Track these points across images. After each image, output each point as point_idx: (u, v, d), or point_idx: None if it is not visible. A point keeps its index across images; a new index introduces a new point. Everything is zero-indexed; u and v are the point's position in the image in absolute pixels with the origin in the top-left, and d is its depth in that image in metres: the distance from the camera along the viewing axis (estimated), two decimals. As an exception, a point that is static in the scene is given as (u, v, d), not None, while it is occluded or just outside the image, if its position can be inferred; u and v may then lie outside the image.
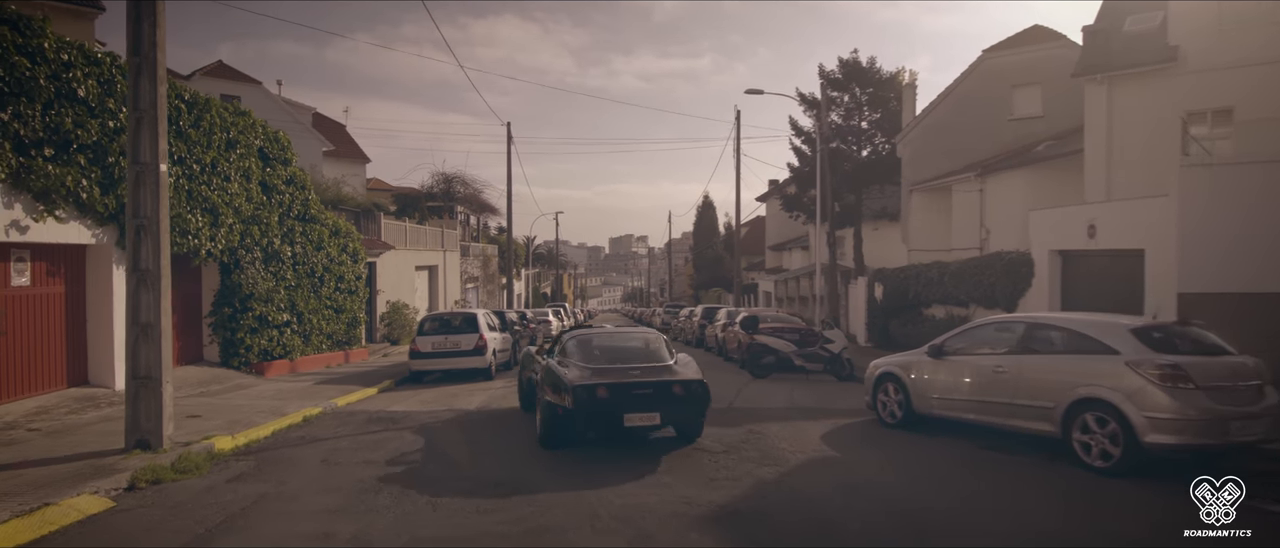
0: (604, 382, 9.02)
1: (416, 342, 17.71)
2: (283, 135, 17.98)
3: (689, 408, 9.26)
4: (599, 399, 8.86)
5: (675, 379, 9.22)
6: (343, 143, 50.43)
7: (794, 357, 17.96)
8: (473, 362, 17.66)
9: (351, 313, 21.95)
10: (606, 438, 9.65)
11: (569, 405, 8.88)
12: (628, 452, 9.29)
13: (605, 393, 8.90)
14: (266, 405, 12.69)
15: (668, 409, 9.10)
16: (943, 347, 10.34)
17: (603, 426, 9.19)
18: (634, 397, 8.96)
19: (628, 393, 8.96)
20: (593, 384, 8.95)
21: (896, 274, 24.83)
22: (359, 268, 22.62)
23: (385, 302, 28.04)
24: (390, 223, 29.88)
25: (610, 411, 8.89)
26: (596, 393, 8.88)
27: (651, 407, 8.97)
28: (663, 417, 9.10)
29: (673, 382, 9.18)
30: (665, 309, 54.31)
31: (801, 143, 38.01)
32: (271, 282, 17.36)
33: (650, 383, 9.11)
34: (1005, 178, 23.69)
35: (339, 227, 21.04)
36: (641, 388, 9.04)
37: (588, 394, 8.86)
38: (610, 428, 9.13)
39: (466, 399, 14.31)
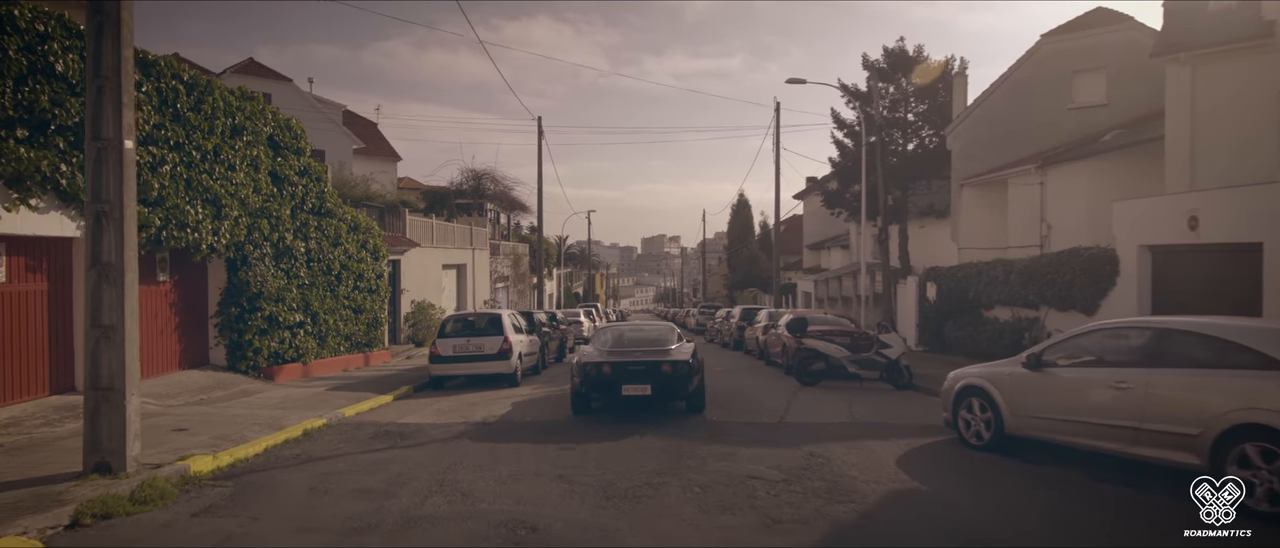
0: (609, 361, 11.77)
1: (437, 345, 16.42)
2: (295, 123, 16.78)
3: (675, 382, 11.61)
4: (603, 374, 11.62)
5: (664, 360, 11.72)
6: (373, 141, 49.74)
7: (846, 363, 16.37)
8: (497, 366, 16.32)
9: (372, 313, 20.77)
10: (608, 405, 12.28)
11: (581, 379, 11.77)
12: (669, 488, 7.83)
13: (609, 370, 11.64)
14: (266, 416, 11.43)
15: (657, 383, 11.54)
16: (1042, 357, 8.72)
17: (605, 395, 11.82)
18: (629, 373, 11.58)
19: (624, 370, 11.61)
20: (599, 363, 11.73)
21: (952, 273, 23.08)
22: (380, 266, 21.43)
23: (410, 301, 26.88)
24: (415, 219, 28.73)
25: (611, 383, 11.59)
26: (602, 369, 11.65)
27: (644, 380, 11.53)
28: (653, 388, 11.52)
29: (662, 362, 11.69)
30: (700, 310, 52.69)
31: (844, 136, 36.38)
32: (283, 280, 16.17)
33: (644, 363, 11.70)
34: (1069, 170, 21.87)
35: (358, 221, 19.84)
36: (636, 366, 11.65)
37: (596, 370, 11.67)
38: (610, 397, 11.78)
39: (487, 409, 12.94)
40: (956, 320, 21.70)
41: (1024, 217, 24.00)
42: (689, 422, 11.44)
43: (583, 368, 11.80)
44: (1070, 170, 21.87)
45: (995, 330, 19.34)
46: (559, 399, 14.16)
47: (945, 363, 19.91)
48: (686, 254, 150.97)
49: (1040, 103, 26.01)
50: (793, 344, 18.65)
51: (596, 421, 11.67)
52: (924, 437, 10.26)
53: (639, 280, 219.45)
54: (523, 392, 15.54)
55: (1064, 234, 21.30)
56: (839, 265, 49.59)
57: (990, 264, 20.77)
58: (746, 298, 58.83)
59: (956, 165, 28.87)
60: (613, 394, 11.64)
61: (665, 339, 12.94)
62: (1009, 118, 26.65)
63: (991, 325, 19.90)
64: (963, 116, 28.78)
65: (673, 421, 11.55)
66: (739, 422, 11.51)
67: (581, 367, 11.85)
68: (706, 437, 10.15)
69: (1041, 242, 22.97)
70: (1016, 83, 26.95)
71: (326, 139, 40.63)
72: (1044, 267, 17.53)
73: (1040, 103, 26.01)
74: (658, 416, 11.98)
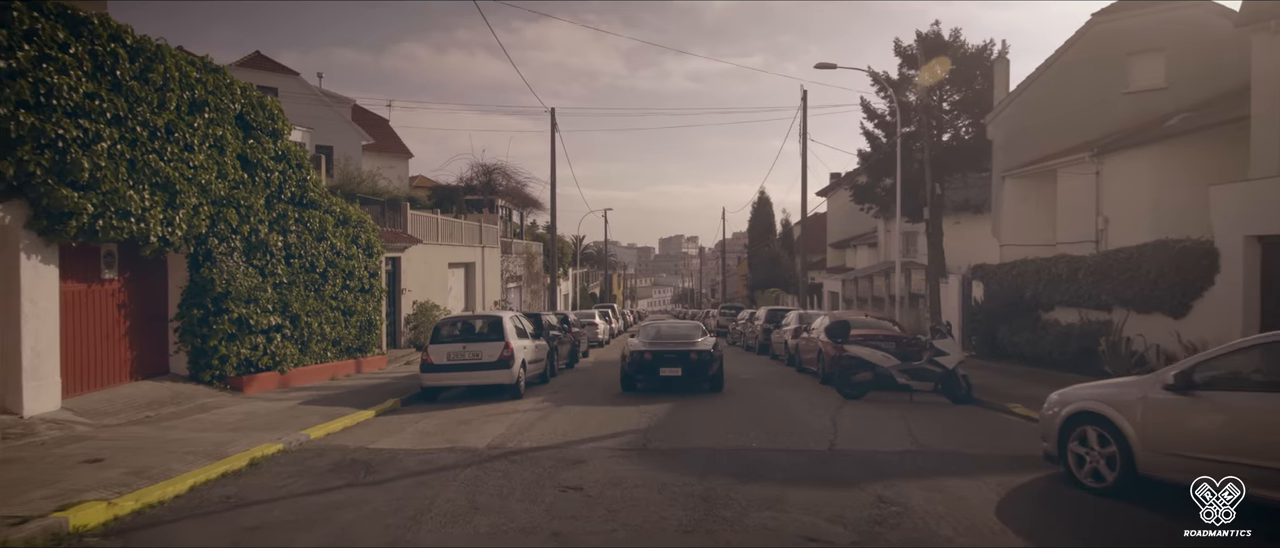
0: (650, 349, 15.10)
1: (428, 351, 14.48)
2: (271, 101, 14.90)
3: (699, 367, 14.79)
4: (645, 359, 14.91)
5: (691, 350, 14.94)
6: (385, 137, 48.29)
7: (896, 373, 14.27)
8: (496, 376, 14.36)
9: (365, 315, 18.89)
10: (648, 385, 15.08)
11: (628, 361, 15.15)
12: (702, 545, 5.81)
13: (650, 356, 14.91)
14: (211, 441, 9.52)
15: (686, 367, 14.74)
16: (1193, 376, 6.60)
17: (647, 375, 14.93)
18: (665, 359, 14.80)
19: (662, 357, 14.84)
20: (642, 351, 15.07)
21: (1005, 271, 20.88)
22: (375, 263, 19.55)
23: (412, 302, 25.02)
24: (418, 215, 26.88)
25: (652, 366, 14.82)
26: (644, 356, 14.95)
27: (676, 365, 14.75)
28: (683, 371, 14.72)
29: (689, 351, 14.89)
30: (720, 311, 50.53)
31: (875, 127, 34.30)
32: (255, 277, 14.30)
33: (676, 352, 14.92)
34: (1130, 157, 19.71)
35: (348, 214, 17.96)
36: (670, 354, 14.87)
37: (639, 357, 14.99)
38: (651, 377, 14.89)
39: (479, 431, 10.97)
40: (1012, 323, 19.50)
41: (1076, 210, 21.84)
42: (722, 448, 9.44)
43: (631, 354, 15.27)
44: (1132, 158, 19.70)
45: (1058, 335, 17.16)
46: (566, 415, 12.19)
47: (1000, 372, 17.78)
48: (705, 254, 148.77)
49: (1091, 87, 23.85)
50: (831, 351, 16.57)
51: (614, 448, 9.69)
52: (1017, 472, 8.16)
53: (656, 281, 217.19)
54: (525, 405, 13.57)
55: (1123, 228, 19.17)
56: (866, 264, 47.40)
57: (1052, 261, 18.58)
58: (768, 298, 56.64)
59: (998, 156, 26.71)
60: (653, 375, 14.98)
61: (692, 335, 16.35)
62: (1056, 104, 24.53)
63: (1052, 329, 17.71)
64: (1004, 104, 26.61)
65: (702, 448, 9.55)
66: (779, 449, 9.47)
67: (630, 354, 15.32)
68: (742, 473, 8.12)
69: (1097, 236, 20.79)
70: (1064, 67, 24.76)
71: (335, 134, 39.05)
72: (1122, 263, 15.34)
73: (1091, 87, 23.85)
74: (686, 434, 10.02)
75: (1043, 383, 15.72)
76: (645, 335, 16.40)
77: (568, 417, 12.14)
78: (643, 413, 12.30)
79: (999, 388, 15.27)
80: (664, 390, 14.83)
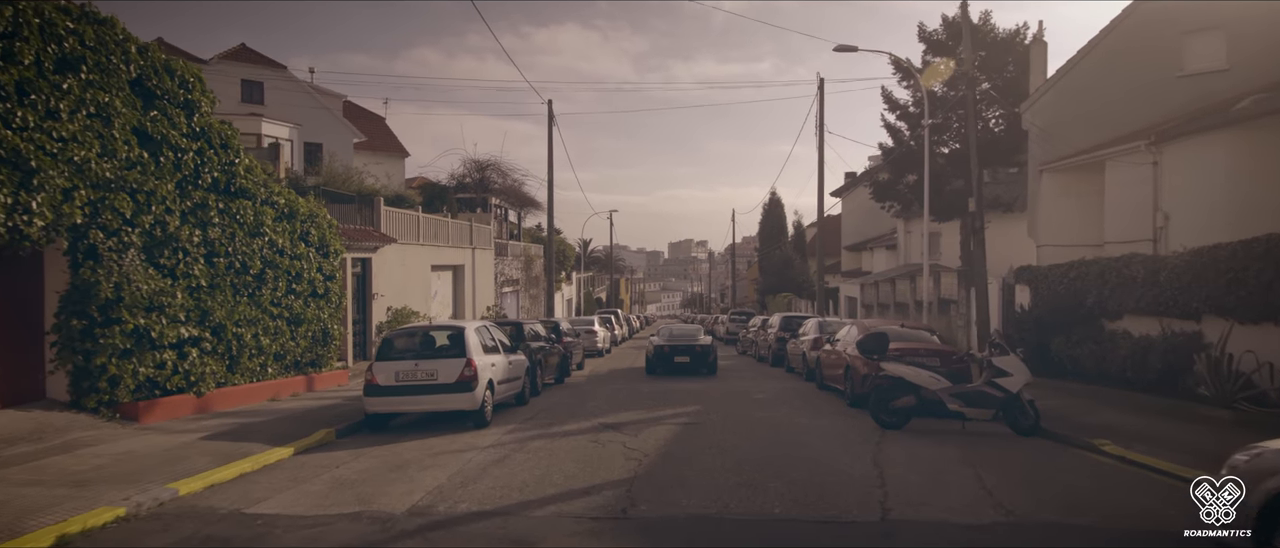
0: (667, 344, 21.75)
1: (373, 370, 11.83)
2: (184, 66, 12.26)
3: (700, 356, 21.26)
4: (665, 351, 21.45)
5: (695, 345, 21.56)
6: (380, 136, 46.19)
7: (946, 397, 11.56)
8: (455, 401, 11.69)
9: (320, 324, 16.29)
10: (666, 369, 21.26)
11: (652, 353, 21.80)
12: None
13: (667, 349, 21.52)
14: (28, 502, 6.89)
15: (692, 356, 21.22)
16: None
17: (665, 361, 21.31)
18: (678, 351, 21.37)
19: (676, 349, 21.46)
20: (662, 345, 21.76)
21: (1059, 273, 18.11)
22: (333, 264, 16.96)
23: (386, 308, 22.43)
24: (394, 212, 24.28)
25: (669, 355, 21.30)
26: (664, 349, 21.55)
27: (685, 355, 21.25)
28: (690, 359, 21.19)
29: (694, 346, 21.50)
30: (730, 317, 47.76)
31: (897, 119, 31.72)
32: (161, 280, 11.70)
33: (685, 346, 21.52)
34: (1195, 145, 17.04)
35: (294, 207, 15.36)
36: (681, 347, 21.50)
37: (660, 349, 21.61)
38: (668, 362, 21.26)
39: (411, 483, 8.28)
40: (1069, 334, 16.69)
41: (1129, 205, 19.13)
42: (732, 515, 6.75)
43: (655, 348, 21.73)
44: (1198, 145, 17.01)
45: (1133, 349, 14.38)
46: (532, 455, 9.53)
47: (1058, 391, 14.97)
48: (714, 259, 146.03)
49: (1141, 71, 21.18)
50: (864, 369, 13.85)
51: (582, 514, 7.00)
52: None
53: (665, 286, 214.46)
54: (488, 438, 10.91)
55: (1188, 224, 16.51)
56: (884, 268, 44.61)
57: (1122, 261, 15.79)
58: (779, 303, 53.82)
59: (1035, 148, 23.97)
60: (670, 361, 21.14)
61: (696, 335, 23.06)
62: (1101, 90, 21.86)
63: (1124, 342, 14.93)
64: (1042, 91, 23.87)
65: (705, 515, 6.87)
66: (813, 520, 6.75)
67: (654, 347, 21.79)
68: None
69: (1154, 235, 18.05)
70: (1109, 50, 22.04)
71: (325, 131, 36.73)
72: (1222, 262, 12.54)
73: (1141, 71, 21.18)
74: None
75: (1121, 408, 12.98)
76: (663, 335, 23.33)
77: (534, 458, 9.47)
78: (629, 454, 9.62)
79: (1068, 414, 12.56)
80: (678, 373, 21.01)
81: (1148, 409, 12.77)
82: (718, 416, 13.02)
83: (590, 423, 12.31)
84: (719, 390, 17.23)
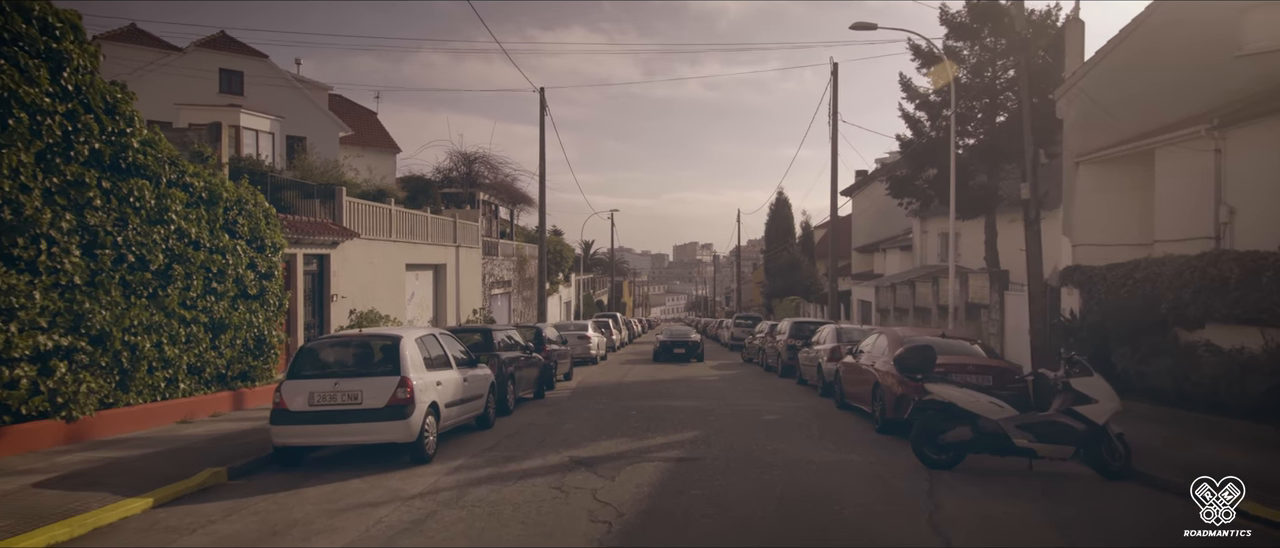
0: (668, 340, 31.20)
1: (282, 392, 9.31)
2: (46, 6, 9.77)
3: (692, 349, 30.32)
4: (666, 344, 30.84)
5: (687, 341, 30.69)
6: (371, 131, 43.98)
7: (1011, 429, 9.03)
8: (384, 431, 9.17)
9: (252, 330, 13.83)
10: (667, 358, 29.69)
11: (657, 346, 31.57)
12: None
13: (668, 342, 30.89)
14: None
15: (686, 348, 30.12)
16: None
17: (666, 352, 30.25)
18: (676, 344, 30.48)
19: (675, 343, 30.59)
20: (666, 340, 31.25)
21: (1119, 275, 15.56)
22: (271, 259, 14.50)
23: (349, 312, 19.96)
24: (361, 204, 21.79)
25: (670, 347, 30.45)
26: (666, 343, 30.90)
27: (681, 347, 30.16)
28: (685, 351, 29.98)
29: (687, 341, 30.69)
30: (735, 321, 45.08)
31: (916, 109, 29.08)
32: (15, 276, 9.22)
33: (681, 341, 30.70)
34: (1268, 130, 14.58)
35: (216, 191, 12.88)
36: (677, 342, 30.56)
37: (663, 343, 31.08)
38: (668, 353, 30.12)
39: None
40: (1135, 346, 14.08)
41: (1184, 198, 16.60)
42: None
43: (659, 343, 31.26)
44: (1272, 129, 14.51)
45: (1227, 366, 11.76)
46: (471, 512, 7.00)
47: (1130, 416, 12.21)
48: (719, 262, 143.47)
49: (1192, 52, 18.63)
50: (899, 387, 11.32)
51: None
52: None
53: (670, 289, 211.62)
54: (422, 483, 8.39)
55: (1259, 220, 14.06)
56: (898, 270, 41.99)
57: (1208, 258, 13.20)
58: (787, 306, 51.22)
59: (1071, 137, 21.37)
60: (670, 352, 29.97)
61: (689, 333, 32.63)
62: (1146, 74, 19.28)
63: (1209, 357, 12.34)
64: (1079, 75, 21.25)
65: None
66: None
67: (659, 342, 31.27)
68: None
69: (1217, 231, 15.50)
70: (1154, 30, 19.48)
71: (309, 124, 34.29)
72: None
73: (1192, 52, 18.63)
74: None
75: (1223, 441, 10.35)
76: (665, 334, 32.72)
77: (467, 518, 6.94)
78: (598, 512, 7.06)
79: (1159, 448, 10.04)
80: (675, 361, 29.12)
81: (1258, 443, 10.20)
82: (719, 447, 10.50)
83: (560, 458, 9.80)
84: (722, 409, 14.71)
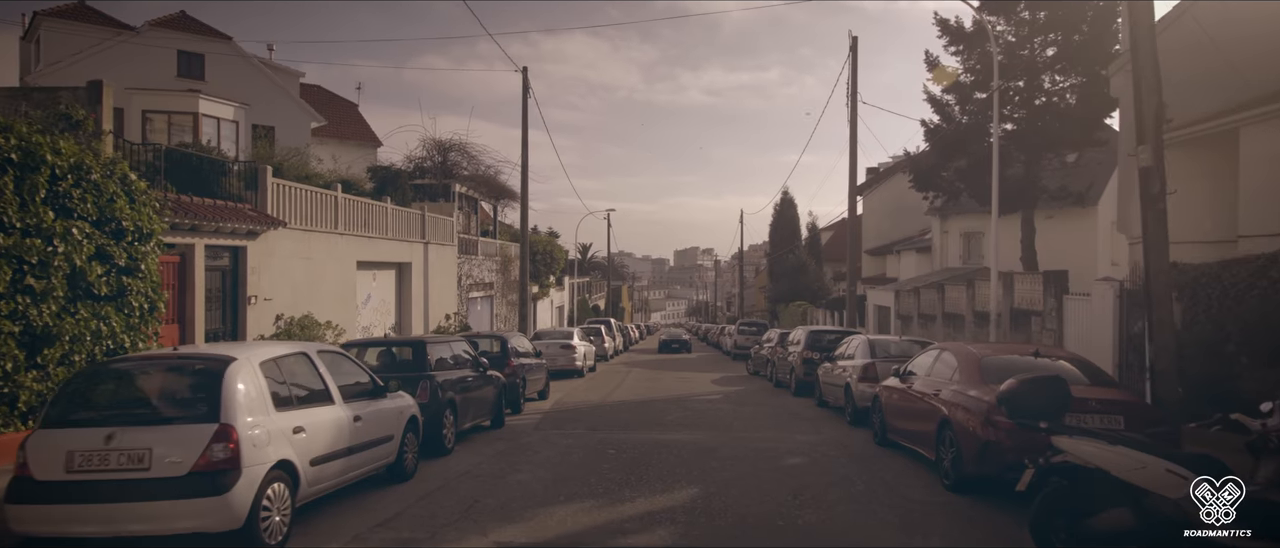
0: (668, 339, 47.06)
1: (29, 449, 5.80)
2: None
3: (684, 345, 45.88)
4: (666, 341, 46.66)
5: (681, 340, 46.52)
6: (351, 122, 40.93)
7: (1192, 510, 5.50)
8: (183, 515, 5.63)
9: (103, 342, 10.30)
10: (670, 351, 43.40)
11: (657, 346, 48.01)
12: None
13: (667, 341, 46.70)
14: None
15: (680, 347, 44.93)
16: None
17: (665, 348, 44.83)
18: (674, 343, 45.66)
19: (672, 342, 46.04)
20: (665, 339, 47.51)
21: (1242, 275, 11.95)
22: (139, 250, 10.99)
23: (275, 318, 16.47)
24: (295, 188, 18.25)
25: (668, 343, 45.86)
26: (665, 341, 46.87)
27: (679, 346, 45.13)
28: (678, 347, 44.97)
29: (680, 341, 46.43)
30: (738, 327, 41.49)
31: (943, 91, 25.77)
32: None
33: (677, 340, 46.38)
34: None
35: (36, 155, 9.36)
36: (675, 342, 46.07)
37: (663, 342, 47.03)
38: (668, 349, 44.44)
39: None
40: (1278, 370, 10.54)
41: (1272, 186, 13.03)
42: None
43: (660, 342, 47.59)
44: None
45: None
46: None
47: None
48: (720, 268, 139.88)
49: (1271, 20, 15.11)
50: (986, 433, 7.78)
51: None
52: None
53: (670, 294, 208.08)
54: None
55: None
56: (914, 272, 38.45)
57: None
58: (793, 312, 47.67)
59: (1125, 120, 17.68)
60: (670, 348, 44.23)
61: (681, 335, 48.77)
62: (1219, 44, 15.71)
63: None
64: (1139, 46, 17.57)
65: None
66: None
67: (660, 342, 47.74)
68: None
69: None
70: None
71: (278, 113, 30.76)
72: None
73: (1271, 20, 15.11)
74: None
75: None
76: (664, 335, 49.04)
77: None
78: None
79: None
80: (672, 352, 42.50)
81: None
82: (727, 521, 6.99)
83: (482, 545, 6.28)
84: (728, 447, 11.16)
